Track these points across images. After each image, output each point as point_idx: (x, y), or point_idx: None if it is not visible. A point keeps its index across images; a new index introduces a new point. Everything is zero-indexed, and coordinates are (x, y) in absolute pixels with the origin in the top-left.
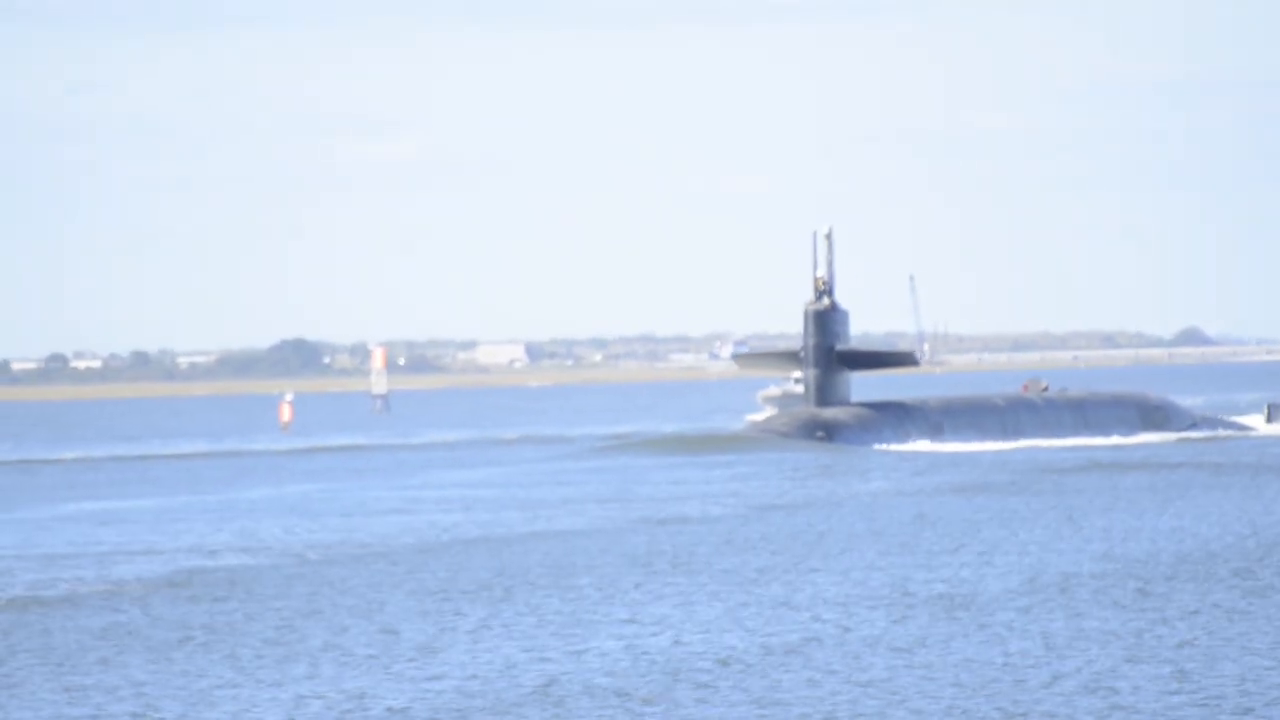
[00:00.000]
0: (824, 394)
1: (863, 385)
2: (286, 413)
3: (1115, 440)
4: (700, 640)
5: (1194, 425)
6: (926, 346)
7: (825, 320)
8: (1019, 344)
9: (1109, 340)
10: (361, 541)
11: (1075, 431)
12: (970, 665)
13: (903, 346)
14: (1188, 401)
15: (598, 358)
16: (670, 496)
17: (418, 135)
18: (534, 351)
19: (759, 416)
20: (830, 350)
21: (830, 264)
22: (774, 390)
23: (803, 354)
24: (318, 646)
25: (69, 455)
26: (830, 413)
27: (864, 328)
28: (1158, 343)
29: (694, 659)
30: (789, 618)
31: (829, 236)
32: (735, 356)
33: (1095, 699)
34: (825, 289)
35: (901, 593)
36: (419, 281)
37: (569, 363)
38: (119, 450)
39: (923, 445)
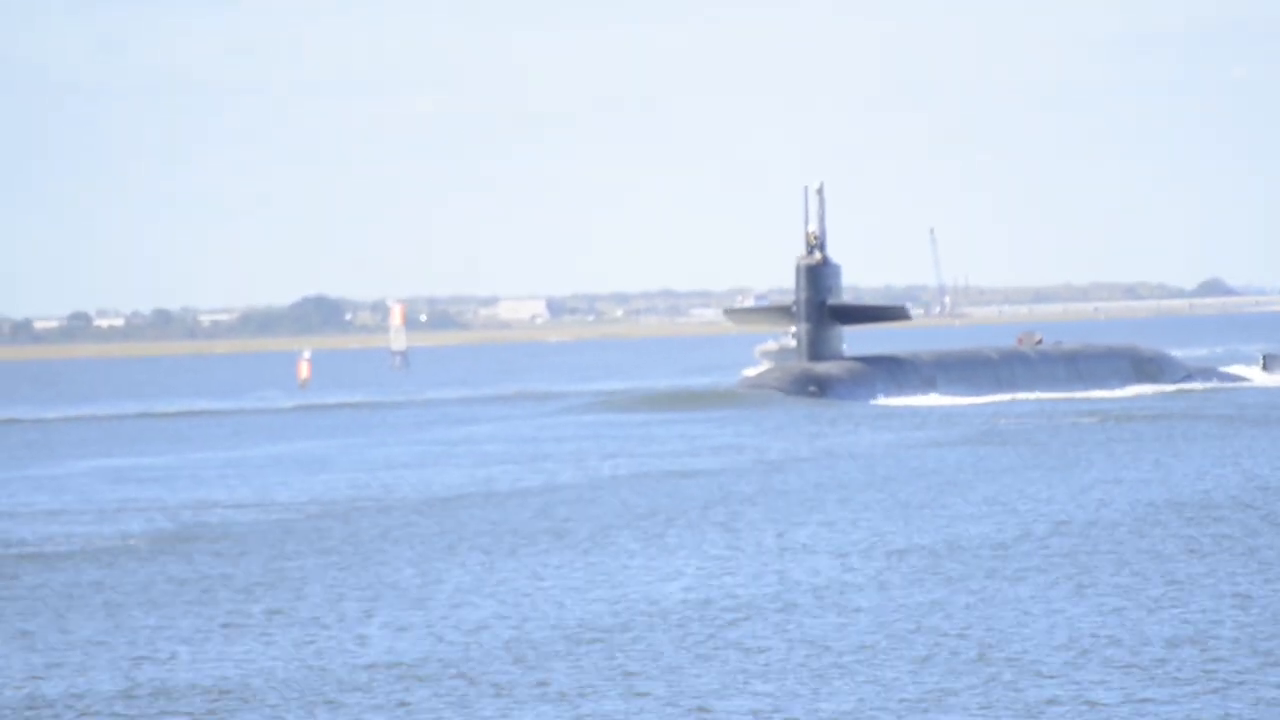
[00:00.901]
0: (816, 348)
1: (876, 339)
2: (305, 370)
3: (1107, 393)
4: (684, 589)
5: (1188, 377)
6: (948, 299)
7: (817, 275)
8: (1040, 296)
9: (1130, 292)
10: (370, 496)
11: (1068, 384)
12: (962, 610)
13: (924, 299)
14: (1201, 352)
15: (619, 313)
16: (661, 453)
17: (439, 92)
18: (555, 307)
19: (754, 371)
20: (822, 305)
21: (821, 218)
22: (771, 345)
23: (795, 309)
24: (318, 600)
25: (86, 413)
26: (823, 367)
27: (886, 281)
28: (1179, 293)
29: (691, 607)
30: (784, 568)
31: (820, 191)
32: (727, 311)
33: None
34: (817, 243)
35: (896, 543)
36: (441, 238)
37: (590, 318)
38: (135, 408)
39: (916, 399)
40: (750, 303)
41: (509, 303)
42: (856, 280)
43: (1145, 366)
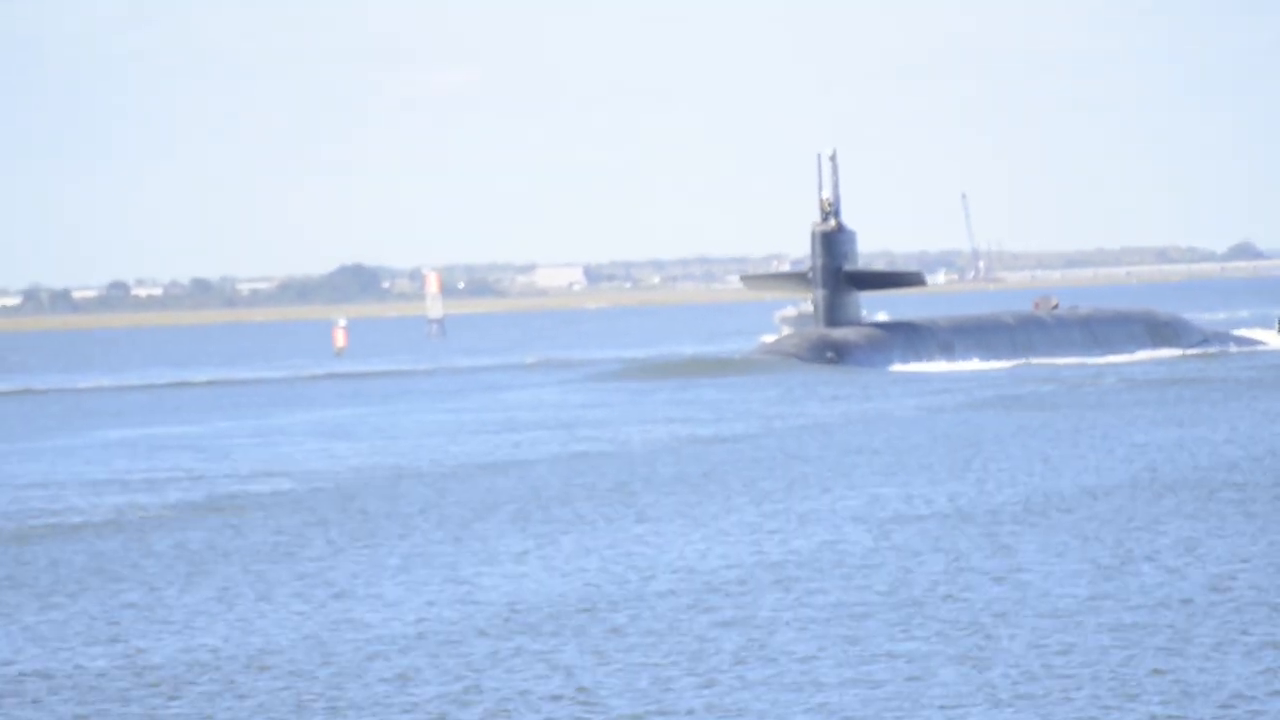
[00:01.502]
0: (833, 314)
1: (908, 304)
2: (340, 338)
3: (1123, 357)
4: (714, 557)
5: (1204, 341)
6: (981, 264)
7: (832, 241)
8: (1073, 261)
9: (1162, 255)
10: (395, 465)
11: (1085, 349)
12: (979, 571)
13: (959, 264)
14: (1226, 315)
15: (655, 280)
16: (680, 418)
17: (477, 62)
18: (592, 274)
19: (772, 337)
20: (838, 271)
21: (835, 185)
22: (790, 311)
23: (811, 275)
24: (350, 567)
25: (121, 382)
26: (840, 333)
27: (920, 246)
28: (1210, 257)
29: (716, 573)
30: (808, 532)
31: (833, 158)
32: (744, 278)
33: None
34: (831, 210)
35: (927, 508)
36: (478, 206)
37: (627, 285)
38: (170, 377)
39: (934, 364)
40: (786, 269)
41: (546, 270)
42: (891, 245)
43: (1161, 330)
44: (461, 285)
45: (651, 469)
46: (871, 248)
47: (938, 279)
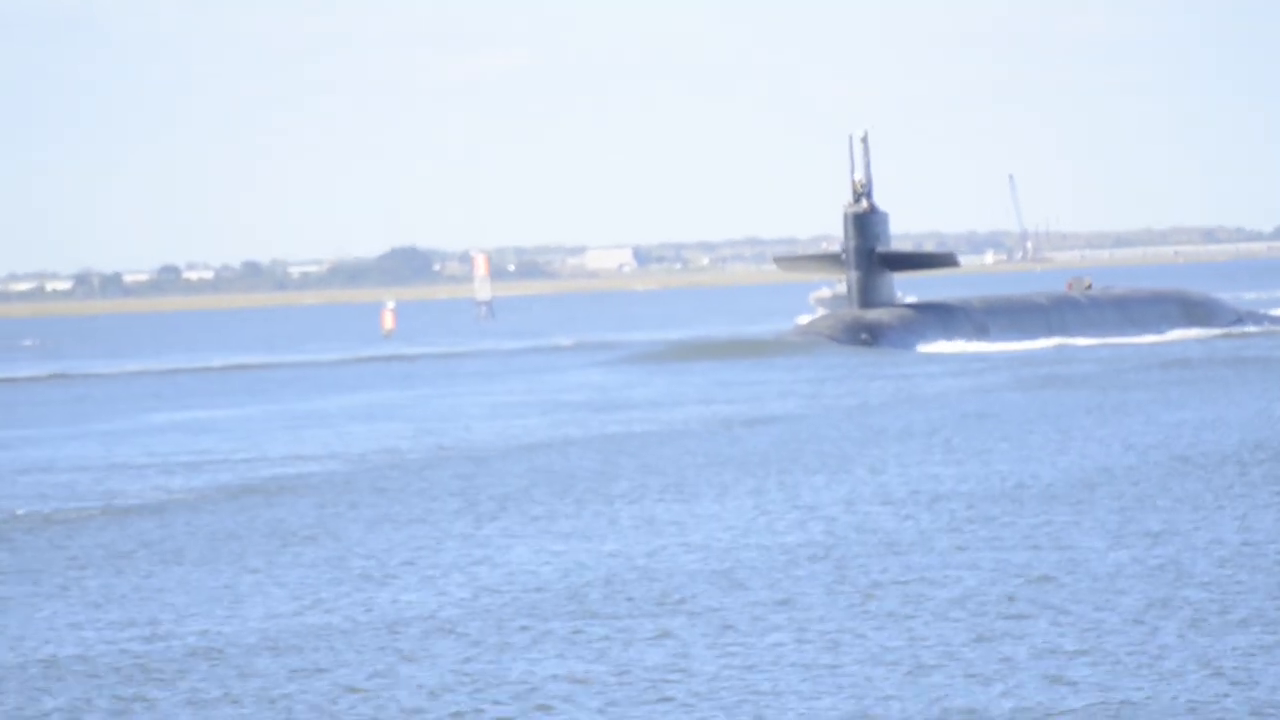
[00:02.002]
0: (867, 296)
1: (948, 285)
2: (389, 320)
3: (1156, 337)
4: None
5: (1238, 320)
6: (1029, 244)
7: (865, 222)
8: (1121, 240)
9: (1210, 235)
10: (441, 445)
11: (1119, 329)
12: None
13: (1007, 244)
14: (1263, 295)
15: (705, 261)
16: (712, 400)
17: (528, 43)
18: (642, 256)
19: (808, 318)
20: (871, 252)
21: (867, 166)
22: (825, 292)
23: (844, 257)
24: (389, 547)
25: (167, 366)
26: (874, 314)
27: (969, 227)
28: (1257, 236)
29: (759, 551)
30: (847, 514)
31: (865, 140)
32: (777, 260)
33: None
34: (864, 191)
35: (976, 487)
36: (529, 188)
37: (677, 266)
38: (217, 361)
39: (967, 345)
40: (835, 250)
41: (596, 252)
42: (940, 226)
43: (1194, 310)
44: (512, 267)
45: (687, 449)
46: (921, 228)
47: (985, 259)
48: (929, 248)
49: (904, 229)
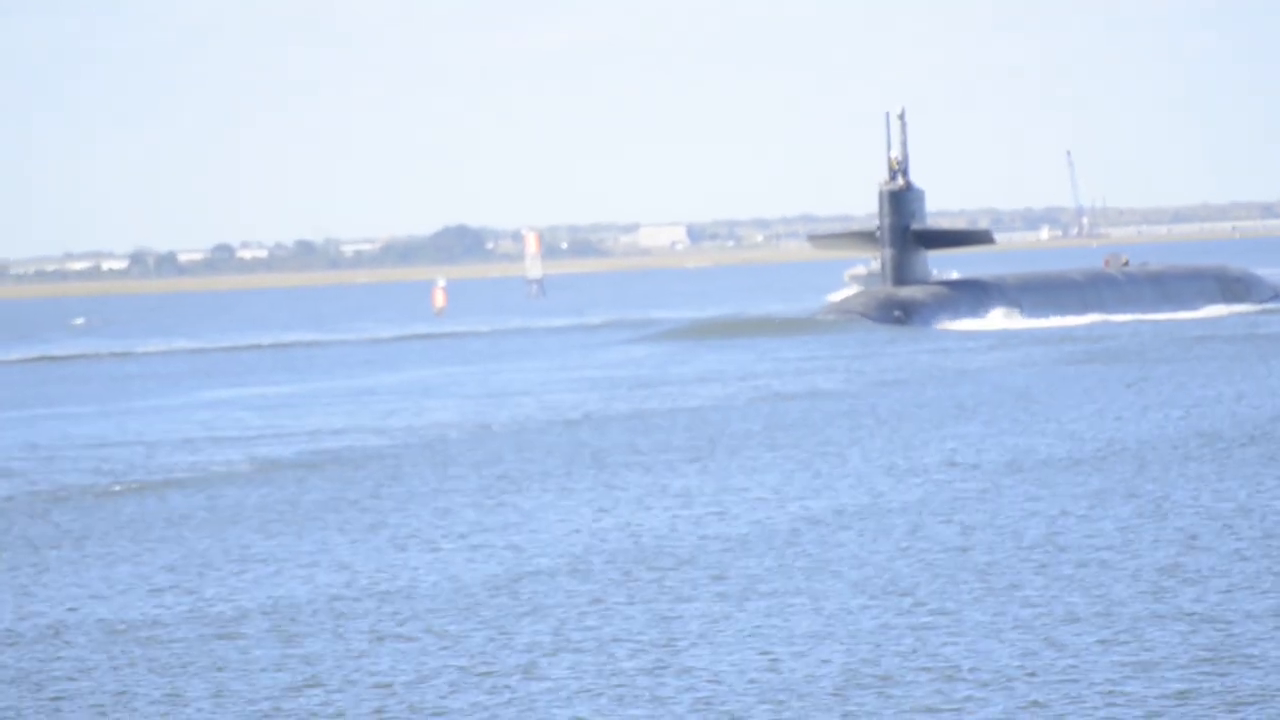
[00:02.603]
0: (901, 273)
1: (1003, 261)
2: (440, 299)
3: (1192, 314)
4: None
5: (1276, 296)
6: (1085, 220)
7: (900, 200)
8: (1179, 216)
9: (1269, 210)
10: (480, 422)
11: (1155, 305)
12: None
13: (1063, 220)
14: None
15: (759, 238)
16: (739, 376)
17: (582, 21)
18: (695, 233)
19: (839, 296)
20: (905, 229)
21: (904, 144)
22: (860, 269)
23: (879, 234)
24: (435, 517)
25: (219, 344)
26: (907, 292)
27: (1025, 203)
28: None
29: (785, 522)
30: (882, 484)
31: (901, 117)
32: (810, 238)
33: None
34: (900, 168)
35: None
36: (583, 166)
37: (730, 244)
38: (269, 338)
39: (1001, 323)
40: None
41: (649, 229)
42: (995, 203)
43: (1232, 287)
44: (565, 245)
45: (724, 425)
46: (977, 205)
47: (1040, 235)
48: (984, 224)
49: (959, 205)
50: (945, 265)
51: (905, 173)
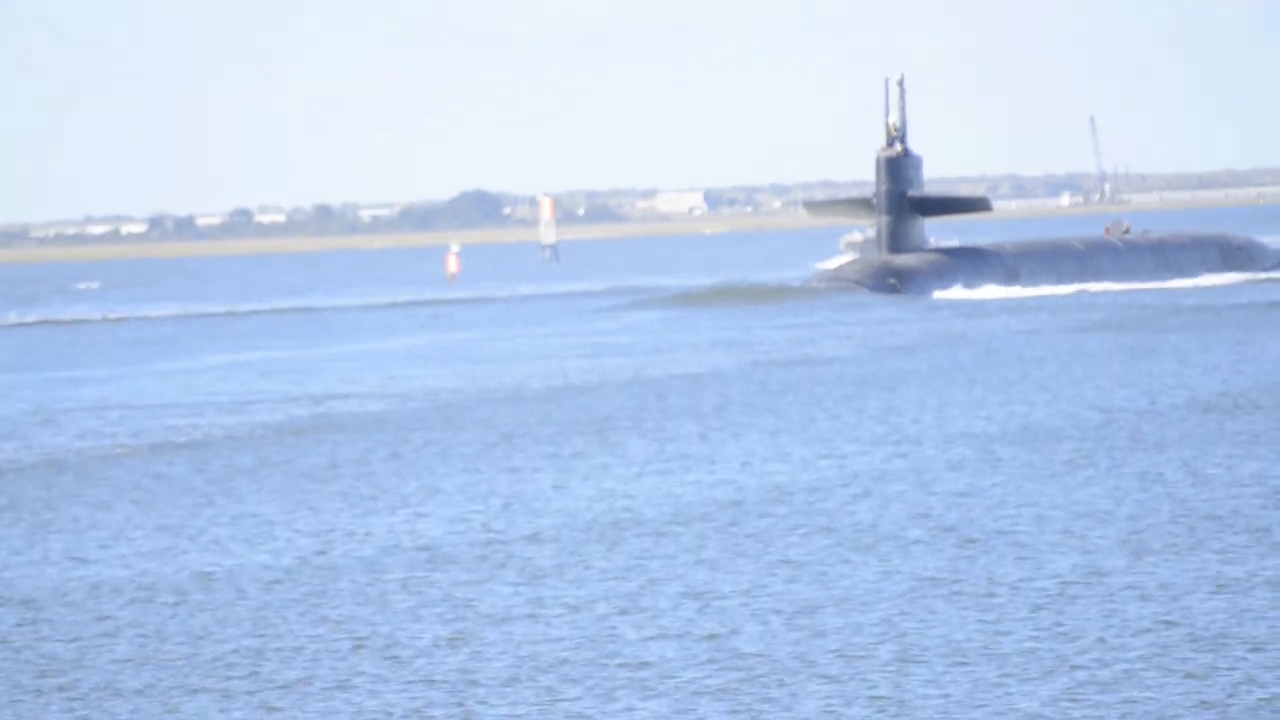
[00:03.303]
0: (896, 240)
1: (1030, 228)
2: (453, 264)
3: (1193, 282)
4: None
5: (1277, 265)
6: (1107, 186)
7: (897, 166)
8: (1203, 182)
9: None
10: (486, 388)
11: (1155, 274)
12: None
13: (1085, 186)
14: None
15: (777, 204)
16: (726, 343)
17: None
18: (713, 199)
19: (833, 263)
20: (902, 196)
21: (902, 110)
22: (856, 236)
23: (875, 201)
24: (445, 484)
25: (231, 308)
26: (903, 259)
27: (1047, 169)
28: None
29: (772, 490)
30: (875, 452)
31: (900, 83)
32: (806, 204)
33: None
34: (897, 135)
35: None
36: (600, 131)
37: (748, 209)
38: (282, 303)
39: (997, 291)
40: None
41: (667, 195)
42: (1017, 169)
43: (1234, 255)
44: (582, 211)
45: (722, 393)
46: (998, 170)
47: (1061, 202)
48: (1004, 190)
49: (980, 171)
50: (950, 233)
51: (903, 139)
